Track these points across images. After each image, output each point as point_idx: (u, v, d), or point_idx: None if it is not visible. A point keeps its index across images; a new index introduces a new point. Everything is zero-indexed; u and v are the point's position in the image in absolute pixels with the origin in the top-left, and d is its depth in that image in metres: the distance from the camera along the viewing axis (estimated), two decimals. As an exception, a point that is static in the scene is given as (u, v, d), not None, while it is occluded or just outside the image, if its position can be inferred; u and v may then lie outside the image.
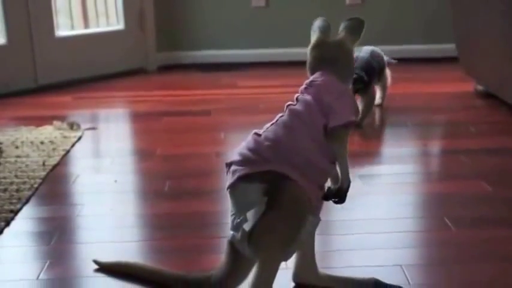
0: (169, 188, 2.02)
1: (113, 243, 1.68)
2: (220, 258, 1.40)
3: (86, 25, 3.79)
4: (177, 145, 2.45)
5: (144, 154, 2.36)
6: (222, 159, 2.27)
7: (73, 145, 2.46)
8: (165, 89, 3.40)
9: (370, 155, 2.38)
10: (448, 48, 3.61)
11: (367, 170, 2.20)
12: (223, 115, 2.86)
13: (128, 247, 1.66)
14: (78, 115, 2.87)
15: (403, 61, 3.77)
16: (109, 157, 2.33)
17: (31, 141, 2.51)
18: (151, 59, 3.85)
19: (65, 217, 1.84)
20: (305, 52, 1.44)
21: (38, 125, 2.68)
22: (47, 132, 2.63)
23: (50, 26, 3.44)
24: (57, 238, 1.70)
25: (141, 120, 2.82)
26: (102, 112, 3.00)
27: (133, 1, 3.75)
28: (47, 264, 1.56)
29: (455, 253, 1.58)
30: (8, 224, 1.81)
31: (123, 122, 2.90)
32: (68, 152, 2.39)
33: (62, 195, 2.03)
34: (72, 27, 3.72)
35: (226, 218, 1.36)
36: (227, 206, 1.36)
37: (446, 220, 1.74)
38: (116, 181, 2.09)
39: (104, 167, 2.24)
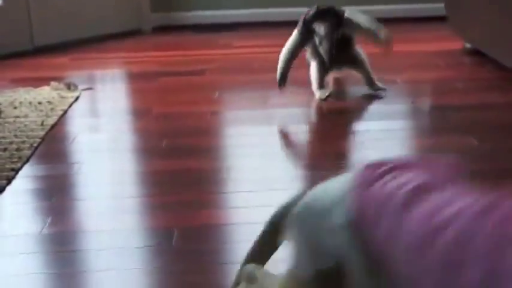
0: (167, 146, 2.04)
1: (112, 199, 1.71)
2: (217, 212, 1.43)
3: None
4: (173, 104, 2.46)
5: (140, 113, 2.37)
6: (216, 118, 2.29)
7: (70, 105, 2.47)
8: (160, 49, 3.40)
9: (360, 111, 2.41)
10: (436, 7, 3.60)
11: (357, 125, 2.23)
12: (217, 75, 2.87)
13: (127, 203, 1.68)
14: (75, 76, 2.87)
15: (392, 21, 3.79)
16: (106, 116, 2.34)
17: (29, 101, 2.52)
18: (146, 20, 3.83)
19: (65, 175, 1.86)
20: (297, 11, 1.45)
21: (36, 86, 2.69)
22: (45, 92, 2.63)
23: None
24: (57, 195, 1.72)
25: (137, 81, 2.83)
26: (99, 73, 3.00)
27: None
28: (49, 219, 1.59)
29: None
30: (9, 182, 1.82)
31: (119, 82, 2.90)
32: (65, 112, 2.40)
33: (61, 154, 2.05)
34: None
35: (222, 174, 1.38)
36: (222, 163, 1.38)
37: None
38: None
39: (102, 126, 2.26)
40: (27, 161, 1.96)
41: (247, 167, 1.86)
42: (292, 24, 2.56)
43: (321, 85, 2.45)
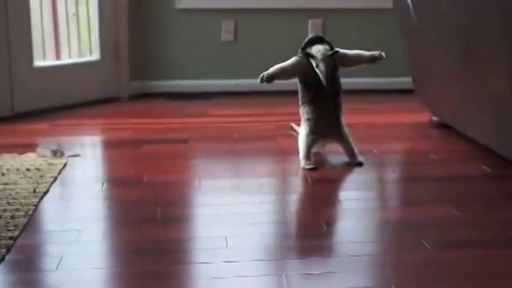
0: (161, 215, 2.05)
1: (110, 268, 1.71)
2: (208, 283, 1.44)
3: (58, 56, 3.79)
4: (163, 172, 2.48)
5: (131, 181, 2.38)
6: (205, 186, 2.32)
7: (60, 172, 2.47)
8: (139, 117, 3.43)
9: (343, 181, 2.46)
10: (405, 81, 3.73)
11: (343, 195, 2.28)
12: (201, 143, 2.91)
13: (128, 273, 1.69)
14: (57, 142, 2.88)
15: (365, 93, 3.93)
16: (98, 184, 2.35)
17: (17, 168, 2.51)
18: (124, 88, 3.88)
19: (65, 243, 1.86)
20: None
21: (20, 153, 2.68)
22: (31, 159, 2.63)
23: (28, 57, 3.45)
24: (60, 264, 1.72)
25: (121, 148, 2.84)
26: (81, 139, 3.01)
27: (109, 33, 3.78)
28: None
29: (436, 273, 1.66)
30: (8, 251, 1.81)
31: (104, 149, 2.91)
32: (55, 178, 2.40)
33: (57, 222, 2.05)
34: (45, 58, 3.71)
35: (216, 243, 1.39)
36: (213, 232, 1.40)
37: (424, 242, 1.82)
38: (109, 208, 2.12)
39: (95, 193, 2.26)
40: (23, 229, 1.95)
41: (237, 235, 1.89)
42: (263, 94, 2.60)
43: (308, 155, 2.52)
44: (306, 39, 2.54)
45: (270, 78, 2.49)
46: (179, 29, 3.96)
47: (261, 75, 2.50)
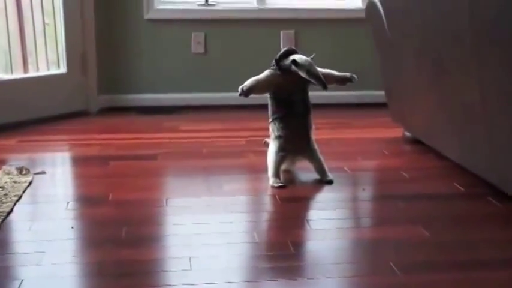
0: (126, 235, 2.05)
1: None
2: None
3: (25, 69, 3.77)
4: (129, 190, 2.47)
5: (96, 200, 2.37)
6: (172, 205, 2.31)
7: (25, 190, 2.45)
8: (107, 132, 3.42)
9: (313, 199, 2.46)
10: (378, 94, 3.75)
11: (312, 214, 2.29)
12: (170, 160, 2.90)
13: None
14: (24, 159, 2.86)
15: (337, 106, 3.95)
16: (63, 203, 2.33)
17: (-20, 186, 2.49)
18: (93, 102, 3.86)
19: (27, 265, 1.84)
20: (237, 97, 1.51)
21: (-15, 170, 2.66)
22: (-5, 177, 2.60)
23: (-7, 70, 3.43)
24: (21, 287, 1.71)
25: (89, 165, 2.83)
26: (48, 156, 2.99)
27: (75, 45, 3.77)
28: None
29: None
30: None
31: (71, 166, 2.90)
32: (20, 197, 2.38)
33: (19, 243, 2.03)
34: (12, 70, 3.70)
35: (180, 265, 1.39)
36: (180, 253, 1.40)
37: (392, 265, 1.83)
38: (72, 227, 2.10)
39: (60, 213, 2.24)
40: (-16, 250, 1.93)
41: (202, 257, 1.88)
42: (234, 108, 2.58)
43: (277, 173, 2.53)
44: (282, 51, 2.55)
45: (248, 91, 2.50)
46: (148, 40, 3.96)
47: (240, 87, 2.51)
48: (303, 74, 2.46)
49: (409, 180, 2.62)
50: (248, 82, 2.53)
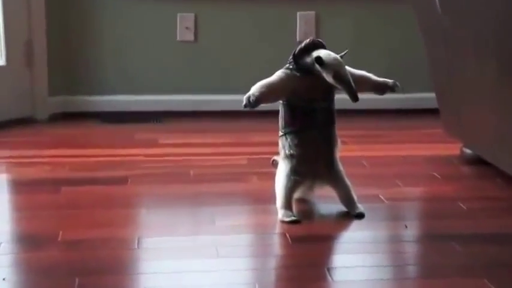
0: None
1: None
2: None
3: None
4: (87, 227, 2.45)
5: (41, 240, 2.34)
6: (146, 247, 2.29)
7: None
8: (60, 146, 3.42)
9: (337, 240, 2.45)
10: (427, 97, 3.74)
11: (335, 261, 2.26)
12: (144, 184, 2.90)
13: None
14: None
15: (371, 114, 3.94)
16: (-4, 243, 2.31)
17: None
18: (41, 106, 3.86)
19: None
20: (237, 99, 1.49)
21: None
22: None
23: None
24: None
25: (33, 191, 2.82)
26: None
27: (18, 31, 3.76)
28: None
29: None
30: None
31: (9, 192, 2.89)
32: None
33: None
34: None
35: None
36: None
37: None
38: (4, 279, 2.08)
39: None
40: None
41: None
42: (231, 115, 2.60)
43: (288, 204, 2.51)
44: (302, 45, 2.52)
45: (257, 101, 2.45)
46: (117, 25, 3.95)
47: (246, 96, 2.46)
48: (328, 78, 2.45)
49: (468, 214, 2.60)
50: (256, 88, 2.48)
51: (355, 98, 2.44)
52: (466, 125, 3.12)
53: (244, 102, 2.46)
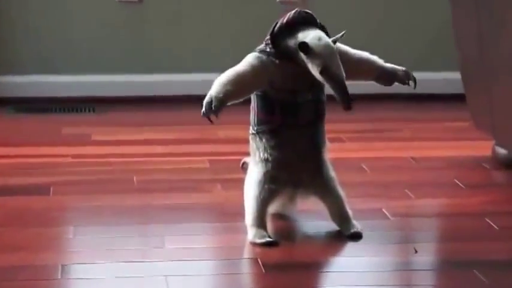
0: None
1: None
2: None
3: None
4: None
5: None
6: (74, 275, 2.31)
7: None
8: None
9: (325, 268, 2.46)
10: (446, 79, 3.76)
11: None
12: (71, 194, 2.91)
13: None
14: None
15: (376, 100, 3.95)
16: None
17: None
18: None
19: None
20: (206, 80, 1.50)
21: None
22: None
23: None
24: None
25: None
26: None
27: None
28: None
29: None
30: None
31: None
32: None
33: None
34: None
35: None
36: None
37: None
38: None
39: None
40: None
41: None
42: (188, 102, 2.56)
43: (261, 220, 2.53)
44: (282, 20, 2.50)
45: (221, 105, 2.43)
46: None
47: (207, 100, 2.43)
48: (314, 72, 2.41)
49: (499, 235, 2.62)
50: (220, 86, 2.45)
51: (347, 106, 2.42)
52: (499, 116, 3.15)
53: (203, 109, 2.43)
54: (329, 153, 2.60)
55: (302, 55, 2.43)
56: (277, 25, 2.48)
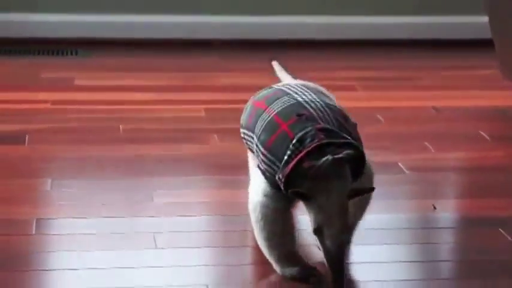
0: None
1: None
2: None
3: None
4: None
5: None
6: (50, 233, 2.31)
7: None
8: None
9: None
10: (471, 22, 3.76)
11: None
12: (49, 144, 2.92)
13: None
14: None
15: (391, 45, 3.95)
16: None
17: None
18: None
19: None
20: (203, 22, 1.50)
21: None
22: None
23: None
24: None
25: None
26: None
27: None
28: None
29: None
30: None
31: None
32: None
33: None
34: None
35: None
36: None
37: None
38: None
39: None
40: None
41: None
42: (184, 44, 2.56)
43: (290, 253, 2.13)
44: (297, 158, 1.98)
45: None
46: None
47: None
48: (318, 246, 2.05)
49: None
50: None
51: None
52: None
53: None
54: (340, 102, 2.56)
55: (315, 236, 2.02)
56: (289, 168, 2.00)
